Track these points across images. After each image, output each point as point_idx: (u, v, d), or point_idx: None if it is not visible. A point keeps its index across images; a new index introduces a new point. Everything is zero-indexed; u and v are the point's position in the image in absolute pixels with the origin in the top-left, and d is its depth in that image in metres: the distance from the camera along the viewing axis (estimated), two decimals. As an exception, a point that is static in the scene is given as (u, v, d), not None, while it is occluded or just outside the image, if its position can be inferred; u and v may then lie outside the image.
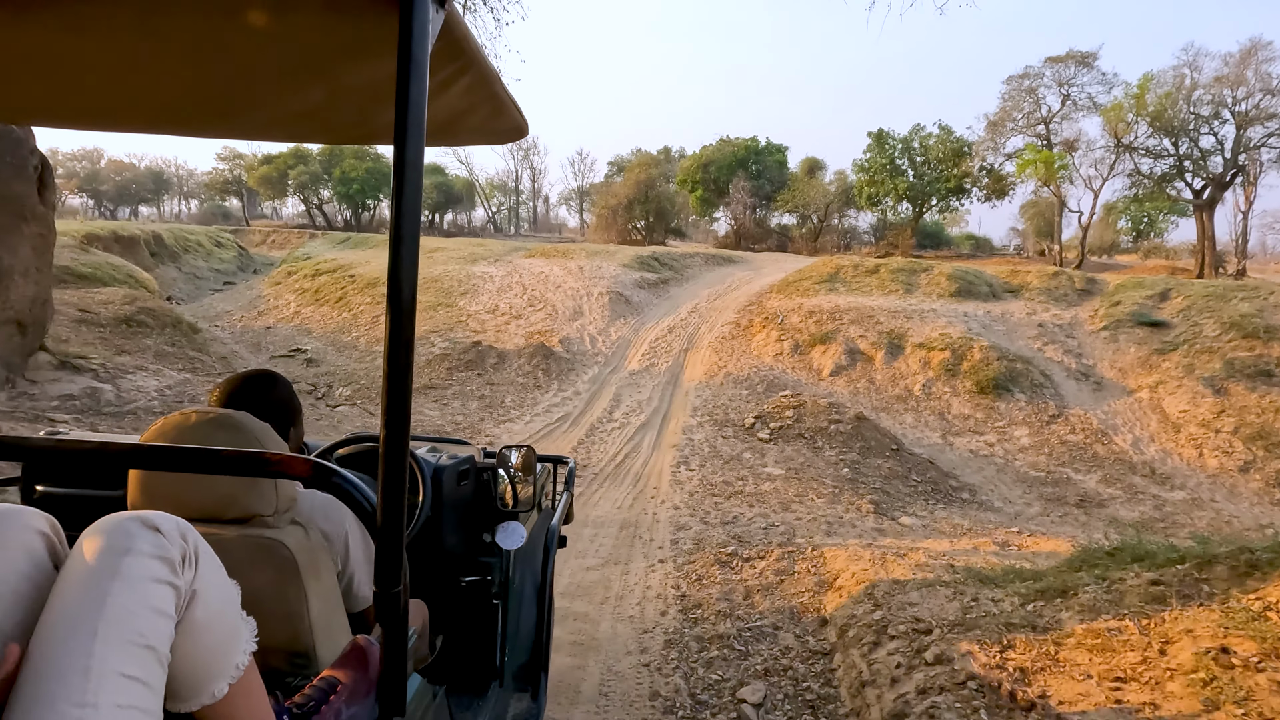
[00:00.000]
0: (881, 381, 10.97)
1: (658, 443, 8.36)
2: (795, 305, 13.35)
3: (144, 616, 0.80)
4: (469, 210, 53.24)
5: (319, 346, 14.50)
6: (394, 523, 0.90)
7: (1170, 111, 28.70)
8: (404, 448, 0.89)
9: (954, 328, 11.75)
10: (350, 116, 1.43)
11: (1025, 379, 10.57)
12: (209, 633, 0.89)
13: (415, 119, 0.84)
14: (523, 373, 11.11)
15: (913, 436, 9.60)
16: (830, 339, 11.84)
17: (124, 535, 0.84)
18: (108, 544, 0.83)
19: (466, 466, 1.93)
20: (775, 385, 10.64)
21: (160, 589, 0.83)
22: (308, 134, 1.73)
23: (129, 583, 0.81)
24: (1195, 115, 29.39)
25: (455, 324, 14.25)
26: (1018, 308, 12.92)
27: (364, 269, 18.62)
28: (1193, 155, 30.18)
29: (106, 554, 0.82)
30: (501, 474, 1.87)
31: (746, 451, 8.14)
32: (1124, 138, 28.94)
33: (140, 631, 0.79)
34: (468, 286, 16.24)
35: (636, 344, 13.06)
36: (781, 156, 40.04)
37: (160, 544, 0.85)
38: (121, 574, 0.81)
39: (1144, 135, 29.93)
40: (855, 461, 8.13)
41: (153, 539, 0.85)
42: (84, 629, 0.76)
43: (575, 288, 15.62)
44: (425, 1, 0.82)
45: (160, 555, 0.84)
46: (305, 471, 0.96)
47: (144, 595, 0.81)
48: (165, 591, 0.83)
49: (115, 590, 0.80)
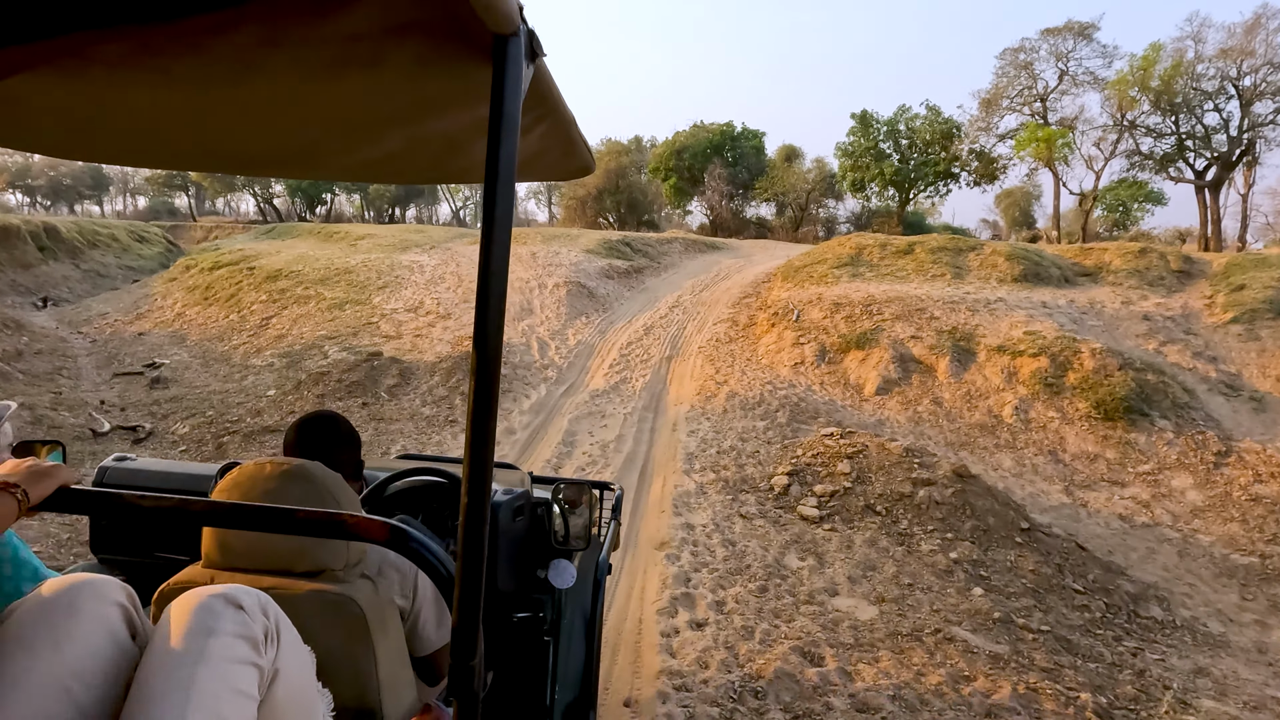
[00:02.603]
0: (952, 403, 7.33)
1: (633, 542, 4.61)
2: (812, 296, 9.68)
3: (229, 700, 0.77)
4: (432, 205, 48.83)
5: (184, 359, 10.53)
6: (473, 593, 0.82)
7: (1175, 86, 25.68)
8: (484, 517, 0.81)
9: (1040, 323, 8.17)
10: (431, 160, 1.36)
11: (1163, 397, 7.01)
12: (288, 709, 0.85)
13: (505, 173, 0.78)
14: (432, 399, 7.29)
15: (1024, 494, 6.00)
16: (870, 341, 8.19)
17: (209, 615, 0.81)
18: (194, 625, 0.80)
19: (521, 502, 1.79)
20: (803, 412, 6.97)
21: (244, 671, 0.80)
22: (389, 176, 1.60)
23: (214, 665, 0.78)
24: (1198, 91, 26.46)
25: (363, 326, 10.36)
26: (1105, 295, 9.40)
27: (268, 260, 14.57)
28: (1195, 133, 27.32)
29: (192, 636, 0.79)
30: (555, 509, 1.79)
31: (790, 550, 4.45)
32: (1129, 113, 25.87)
33: (225, 717, 0.76)
34: (390, 279, 12.32)
35: (602, 351, 9.29)
36: (758, 142, 36.43)
37: (244, 622, 0.82)
38: (207, 657, 0.78)
39: (1145, 113, 26.96)
40: (977, 562, 4.49)
41: (236, 617, 0.82)
42: (174, 715, 0.74)
43: (524, 278, 11.78)
44: (519, 58, 0.77)
45: (244, 634, 0.81)
46: (383, 535, 0.89)
47: (229, 678, 0.78)
48: (249, 673, 0.81)
49: (201, 676, 0.77)
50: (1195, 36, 26.34)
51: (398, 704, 1.16)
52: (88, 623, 0.80)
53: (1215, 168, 26.54)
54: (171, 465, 2.01)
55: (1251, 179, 28.35)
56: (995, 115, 28.80)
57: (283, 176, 1.57)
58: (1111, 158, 27.03)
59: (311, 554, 1.12)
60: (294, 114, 1.09)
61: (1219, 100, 26.50)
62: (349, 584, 1.13)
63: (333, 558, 1.14)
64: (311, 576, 1.12)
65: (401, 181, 1.71)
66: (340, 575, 1.14)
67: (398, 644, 1.22)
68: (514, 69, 0.76)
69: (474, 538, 0.81)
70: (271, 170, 1.55)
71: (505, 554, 1.70)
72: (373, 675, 1.11)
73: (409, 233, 16.59)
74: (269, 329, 11.17)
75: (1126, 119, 26.19)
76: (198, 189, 48.31)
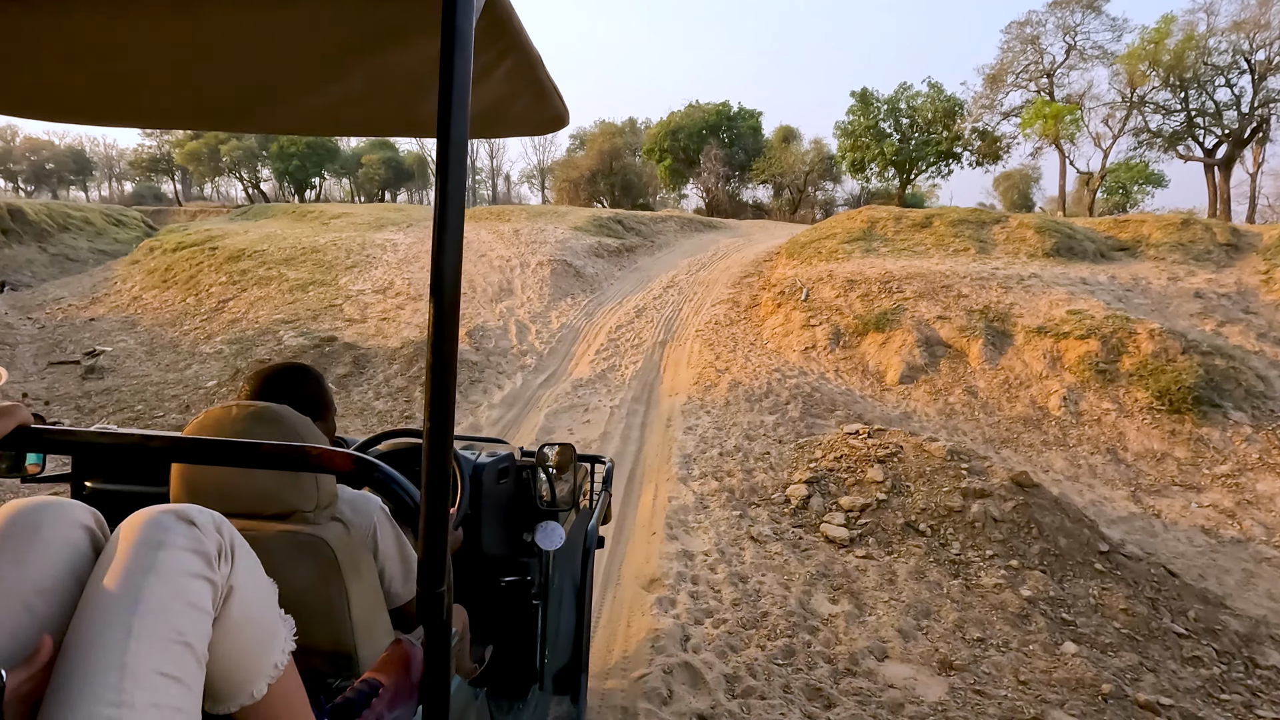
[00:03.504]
0: (988, 393, 6.30)
1: (614, 577, 3.55)
2: (822, 273, 8.61)
3: (180, 612, 0.73)
4: (422, 189, 47.44)
5: (129, 347, 9.43)
6: (438, 521, 0.80)
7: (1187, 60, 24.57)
8: (447, 443, 0.80)
9: (1083, 301, 7.12)
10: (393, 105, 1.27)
11: (1234, 385, 5.98)
12: (247, 630, 0.81)
13: (459, 98, 0.74)
14: (388, 390, 6.22)
15: (1084, 503, 4.97)
16: (891, 323, 7.14)
17: (159, 529, 0.77)
18: (142, 538, 0.77)
19: (506, 464, 1.74)
20: (818, 404, 5.93)
21: (196, 584, 0.76)
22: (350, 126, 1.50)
23: (164, 577, 0.74)
24: (1210, 65, 25.36)
25: (325, 309, 9.26)
26: (1148, 271, 8.35)
27: (232, 240, 13.41)
28: (1206, 110, 26.24)
29: (141, 548, 0.75)
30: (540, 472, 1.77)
31: (817, 587, 3.41)
32: (1139, 89, 24.74)
33: (177, 628, 0.72)
34: (359, 258, 11.20)
35: (588, 335, 8.23)
36: (755, 122, 35.16)
37: (196, 537, 0.78)
38: (156, 568, 0.74)
39: (1155, 88, 25.86)
40: (1056, 600, 3.47)
41: (188, 532, 0.78)
42: (119, 625, 0.70)
43: (506, 256, 10.68)
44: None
45: (196, 549, 0.77)
46: (347, 466, 0.88)
47: (180, 590, 0.74)
48: (201, 586, 0.76)
49: (150, 585, 0.73)
50: (1208, 9, 25.21)
51: (374, 646, 1.09)
52: (51, 542, 0.77)
53: (1226, 145, 25.50)
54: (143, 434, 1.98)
55: (1261, 157, 27.34)
56: (1000, 92, 27.60)
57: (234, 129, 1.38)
58: (1120, 135, 25.92)
59: (280, 495, 1.07)
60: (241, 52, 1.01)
61: (1230, 75, 25.43)
62: (319, 525, 1.08)
63: (302, 499, 1.07)
64: (281, 519, 1.07)
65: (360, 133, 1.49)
66: (310, 517, 1.09)
67: (372, 587, 1.15)
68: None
69: (438, 465, 0.78)
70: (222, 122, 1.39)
71: (491, 517, 1.64)
72: (345, 617, 1.05)
73: (387, 211, 15.44)
74: (224, 313, 10.06)
75: (1136, 95, 25.04)
76: (184, 173, 46.90)
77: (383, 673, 0.99)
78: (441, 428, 0.78)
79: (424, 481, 0.78)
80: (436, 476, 0.78)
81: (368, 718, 0.92)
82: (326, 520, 1.11)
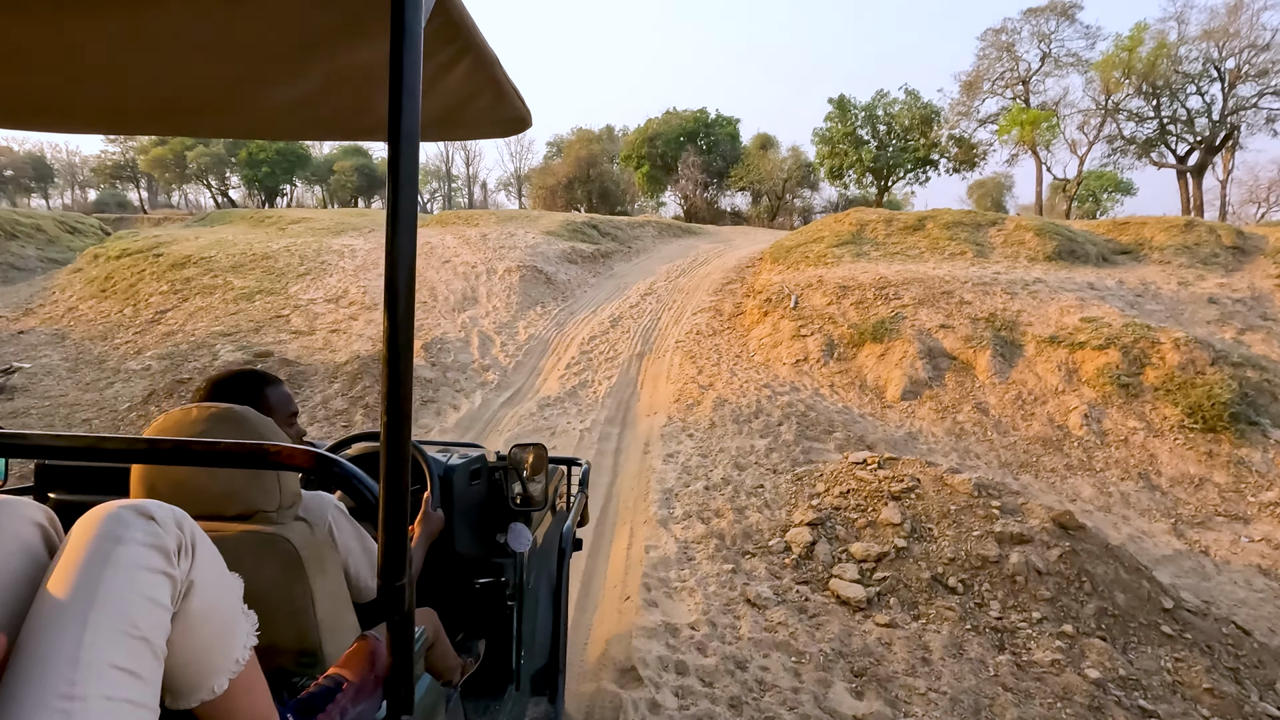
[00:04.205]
0: (1000, 410, 5.63)
1: (580, 660, 2.77)
2: (811, 279, 7.93)
3: (137, 606, 0.70)
4: (397, 196, 46.18)
5: (52, 363, 8.46)
6: (397, 514, 0.79)
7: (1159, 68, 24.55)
8: (405, 436, 0.77)
9: (1096, 308, 6.50)
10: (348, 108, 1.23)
11: (1270, 400, 5.38)
12: (207, 625, 0.78)
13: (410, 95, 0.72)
14: (325, 413, 5.38)
15: (1121, 538, 4.30)
16: (889, 332, 6.46)
17: (117, 523, 0.74)
18: (100, 531, 0.73)
19: (478, 466, 1.74)
20: (814, 424, 5.21)
21: (154, 578, 0.73)
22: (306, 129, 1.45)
23: (121, 571, 0.71)
24: (1181, 74, 25.40)
25: (270, 320, 8.38)
26: (1156, 275, 7.78)
27: (180, 246, 12.42)
28: (1178, 117, 26.29)
29: (99, 541, 0.72)
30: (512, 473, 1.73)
31: (834, 673, 2.67)
32: (1114, 95, 24.64)
33: (133, 622, 0.69)
34: (313, 265, 10.31)
35: (558, 347, 7.45)
36: (733, 129, 34.69)
37: (155, 532, 0.75)
38: (114, 562, 0.71)
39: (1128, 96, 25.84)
40: (1126, 681, 2.76)
41: (146, 527, 0.75)
42: (73, 618, 0.67)
43: (471, 262, 9.87)
44: None
45: (154, 544, 0.74)
46: (307, 462, 0.85)
47: (137, 584, 0.71)
48: (160, 581, 0.73)
49: (107, 579, 0.70)
50: (1178, 17, 25.24)
51: (339, 643, 1.07)
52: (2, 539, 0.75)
53: (1199, 152, 25.52)
54: None
55: (1230, 165, 27.47)
56: (977, 99, 27.38)
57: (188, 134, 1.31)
58: (1095, 141, 25.77)
59: (242, 495, 1.04)
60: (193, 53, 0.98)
61: (1201, 83, 25.50)
62: (283, 525, 1.06)
63: (265, 498, 1.05)
64: (244, 519, 1.05)
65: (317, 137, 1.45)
66: (273, 517, 1.06)
67: (337, 585, 1.12)
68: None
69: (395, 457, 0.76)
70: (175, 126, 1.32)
71: (464, 518, 1.63)
72: (309, 614, 1.03)
73: (350, 216, 14.53)
74: (160, 325, 9.11)
75: (1110, 102, 24.93)
76: (149, 180, 45.29)
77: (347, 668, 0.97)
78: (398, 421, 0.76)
79: (382, 473, 0.77)
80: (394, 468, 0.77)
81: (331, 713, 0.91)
82: (290, 520, 1.08)
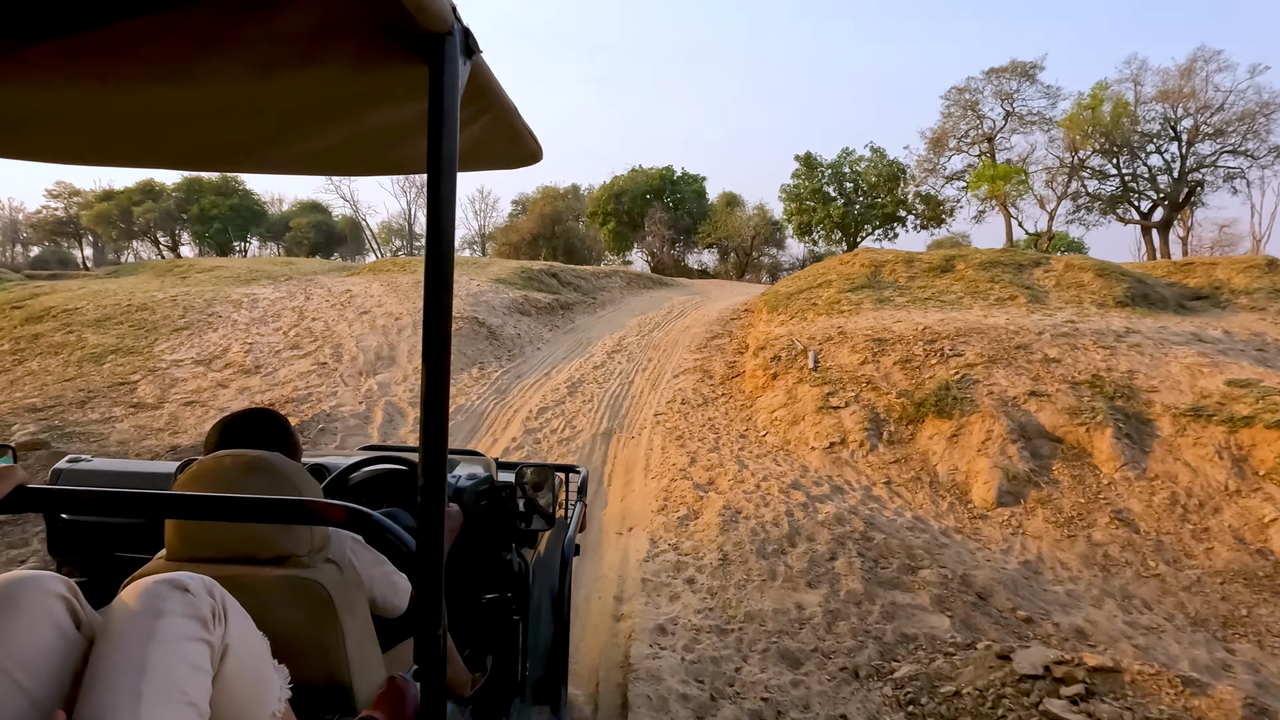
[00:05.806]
0: (1153, 522, 3.64)
1: None
2: (829, 330, 6.00)
3: (183, 673, 0.76)
4: (356, 253, 44.06)
5: None
6: (434, 566, 0.81)
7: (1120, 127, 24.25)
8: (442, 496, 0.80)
9: (1238, 368, 4.65)
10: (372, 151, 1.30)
11: None
12: (242, 684, 0.83)
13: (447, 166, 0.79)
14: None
15: None
16: (958, 402, 4.51)
17: (155, 598, 0.79)
18: (141, 607, 0.79)
19: (485, 486, 1.77)
20: (886, 555, 3.16)
21: (195, 646, 0.78)
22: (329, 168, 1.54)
23: (165, 643, 0.76)
24: (1140, 134, 25.19)
25: (109, 389, 6.09)
26: (1253, 323, 6.05)
27: (51, 298, 10.03)
28: (1140, 175, 25.98)
29: (141, 617, 0.78)
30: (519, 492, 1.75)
31: None
32: (1080, 152, 24.15)
33: (181, 689, 0.75)
34: (197, 317, 8.06)
35: (495, 423, 5.32)
36: (699, 186, 33.71)
37: (190, 603, 0.80)
38: (158, 636, 0.77)
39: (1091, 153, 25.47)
40: None
41: (183, 599, 0.80)
42: (128, 693, 0.72)
43: (395, 313, 7.74)
44: (455, 56, 0.78)
45: (192, 614, 0.79)
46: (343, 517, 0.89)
47: (181, 653, 0.77)
48: (200, 648, 0.79)
49: (153, 652, 0.75)
50: (1134, 79, 25.14)
51: (368, 681, 1.11)
52: (30, 615, 0.77)
53: (1163, 209, 25.09)
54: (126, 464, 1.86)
55: (1190, 221, 27.22)
56: (943, 155, 26.77)
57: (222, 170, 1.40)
58: (1064, 198, 25.16)
59: (274, 541, 1.07)
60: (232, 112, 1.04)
61: (1160, 142, 25.29)
62: (314, 569, 1.08)
63: (296, 544, 1.08)
64: (276, 563, 1.07)
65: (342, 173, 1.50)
66: (305, 561, 1.09)
67: (364, 623, 1.16)
68: (450, 66, 0.76)
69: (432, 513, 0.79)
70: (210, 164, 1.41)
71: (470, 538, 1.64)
72: (341, 653, 1.06)
73: (270, 264, 12.37)
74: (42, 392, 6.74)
75: (1076, 158, 24.43)
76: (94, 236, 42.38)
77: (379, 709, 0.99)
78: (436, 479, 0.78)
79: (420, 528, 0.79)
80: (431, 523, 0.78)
81: None
82: (320, 562, 1.10)
